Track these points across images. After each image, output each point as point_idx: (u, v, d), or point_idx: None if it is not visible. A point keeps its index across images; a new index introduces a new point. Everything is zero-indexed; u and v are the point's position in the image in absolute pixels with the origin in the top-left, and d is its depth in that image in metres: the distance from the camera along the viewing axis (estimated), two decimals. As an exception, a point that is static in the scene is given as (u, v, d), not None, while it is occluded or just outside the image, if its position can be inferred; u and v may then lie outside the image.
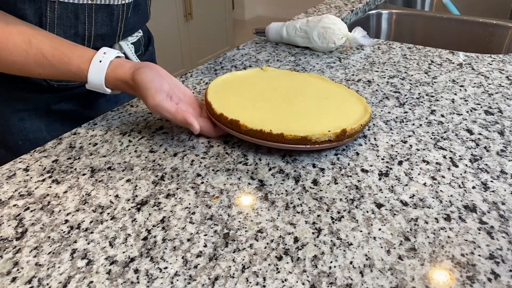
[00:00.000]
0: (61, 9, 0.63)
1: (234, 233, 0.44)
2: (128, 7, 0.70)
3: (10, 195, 0.51)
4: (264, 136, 0.54)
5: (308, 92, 0.66)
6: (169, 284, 0.39)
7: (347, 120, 0.58)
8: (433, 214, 0.46)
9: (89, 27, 0.66)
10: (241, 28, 4.08)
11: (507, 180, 0.51)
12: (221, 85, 0.66)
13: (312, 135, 0.53)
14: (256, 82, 0.69)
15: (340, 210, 0.47)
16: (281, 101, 0.63)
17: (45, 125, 0.72)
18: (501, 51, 1.11)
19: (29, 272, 0.41)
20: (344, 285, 0.38)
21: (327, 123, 0.57)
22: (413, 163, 0.54)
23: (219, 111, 0.58)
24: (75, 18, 0.64)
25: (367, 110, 0.60)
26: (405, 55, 0.87)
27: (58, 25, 0.63)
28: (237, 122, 0.55)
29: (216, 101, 0.60)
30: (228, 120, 0.56)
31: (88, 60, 0.59)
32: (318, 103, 0.63)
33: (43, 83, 0.68)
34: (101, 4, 0.66)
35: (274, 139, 0.54)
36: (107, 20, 0.68)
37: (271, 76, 0.71)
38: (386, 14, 1.25)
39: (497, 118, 0.63)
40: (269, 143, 0.54)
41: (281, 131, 0.53)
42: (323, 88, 0.67)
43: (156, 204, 0.49)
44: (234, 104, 0.61)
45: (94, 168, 0.56)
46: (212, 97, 0.61)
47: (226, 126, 0.57)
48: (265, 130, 0.54)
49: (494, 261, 0.40)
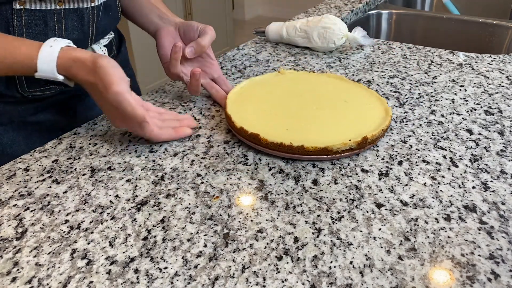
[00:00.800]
0: (28, 17, 0.60)
1: (234, 233, 0.44)
2: (98, 9, 0.68)
3: (10, 195, 0.51)
4: (284, 149, 0.54)
5: (326, 96, 0.66)
6: (169, 284, 0.39)
7: (368, 125, 0.57)
8: (433, 214, 0.46)
9: (60, 34, 0.64)
10: (241, 28, 4.08)
11: (507, 180, 0.51)
12: (239, 94, 0.66)
13: (333, 145, 0.53)
14: (274, 88, 0.69)
15: (340, 210, 0.47)
16: (300, 108, 0.63)
17: (23, 138, 0.69)
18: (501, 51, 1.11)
19: (29, 272, 0.41)
20: (344, 285, 0.38)
21: (347, 130, 0.56)
22: (413, 163, 0.54)
23: (239, 124, 0.57)
24: (44, 25, 0.62)
25: (388, 112, 0.60)
26: (405, 55, 0.87)
27: (27, 34, 0.61)
28: (257, 136, 0.55)
29: (236, 113, 0.60)
30: (248, 134, 0.56)
31: (38, 47, 0.55)
32: (338, 107, 0.63)
33: (17, 95, 0.65)
34: (70, 9, 0.64)
35: (295, 151, 0.53)
36: (77, 24, 0.66)
37: (289, 79, 0.71)
38: (386, 14, 1.25)
39: (497, 118, 0.63)
40: (290, 155, 0.54)
41: (302, 143, 0.53)
42: (342, 90, 0.67)
43: (156, 204, 0.49)
44: (253, 115, 0.61)
45: (94, 168, 0.56)
46: (231, 109, 0.61)
47: (246, 139, 0.57)
48: (285, 143, 0.53)
49: (494, 261, 0.40)
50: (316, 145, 0.53)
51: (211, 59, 0.71)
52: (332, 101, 0.64)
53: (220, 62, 0.87)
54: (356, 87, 0.67)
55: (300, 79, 0.71)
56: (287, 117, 0.61)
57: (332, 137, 0.55)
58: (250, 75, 0.80)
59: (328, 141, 0.53)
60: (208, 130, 0.63)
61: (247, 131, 0.56)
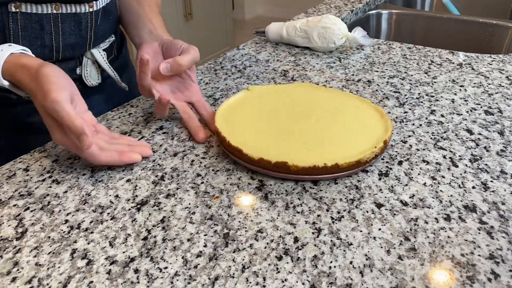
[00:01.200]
0: (24, 20, 0.60)
1: (234, 233, 0.44)
2: (97, 14, 0.67)
3: (10, 195, 0.51)
4: (311, 171, 0.50)
5: (315, 106, 0.62)
6: (169, 284, 0.39)
7: (366, 141, 0.54)
8: (433, 214, 0.46)
9: (56, 37, 0.63)
10: (241, 28, 4.08)
11: (507, 180, 0.51)
12: (225, 118, 0.60)
13: (342, 164, 0.50)
14: (252, 107, 0.63)
15: (340, 210, 0.47)
16: (293, 122, 0.59)
17: (19, 139, 0.69)
18: (501, 51, 1.11)
19: (29, 272, 0.41)
20: (344, 285, 0.38)
21: (348, 146, 0.53)
22: (413, 163, 0.54)
23: (253, 154, 0.51)
24: (41, 28, 0.61)
25: (387, 126, 0.56)
26: (405, 55, 0.87)
27: (22, 37, 0.61)
28: (285, 164, 0.50)
29: (233, 137, 0.54)
30: (256, 160, 0.51)
31: None
32: (330, 120, 0.59)
33: (13, 97, 0.64)
34: (67, 13, 0.63)
35: (316, 172, 0.50)
36: (75, 29, 0.65)
37: (259, 95, 0.65)
38: (386, 14, 1.25)
39: (497, 118, 0.63)
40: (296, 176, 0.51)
41: (313, 163, 0.50)
42: (328, 99, 0.64)
43: (156, 204, 0.49)
44: (249, 138, 0.55)
45: (94, 168, 0.56)
46: (226, 133, 0.55)
47: (248, 163, 0.53)
48: (319, 165, 0.50)
49: (494, 261, 0.40)
50: (327, 164, 0.50)
51: (192, 81, 0.65)
52: (321, 112, 0.61)
53: (220, 62, 0.87)
54: (337, 94, 0.65)
55: (271, 93, 0.66)
56: (286, 137, 0.56)
57: (336, 154, 0.51)
58: (250, 75, 0.80)
59: (335, 159, 0.50)
60: (208, 130, 0.63)
61: (253, 157, 0.51)
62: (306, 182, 0.51)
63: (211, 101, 0.71)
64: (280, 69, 0.82)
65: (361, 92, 0.72)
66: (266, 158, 0.50)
